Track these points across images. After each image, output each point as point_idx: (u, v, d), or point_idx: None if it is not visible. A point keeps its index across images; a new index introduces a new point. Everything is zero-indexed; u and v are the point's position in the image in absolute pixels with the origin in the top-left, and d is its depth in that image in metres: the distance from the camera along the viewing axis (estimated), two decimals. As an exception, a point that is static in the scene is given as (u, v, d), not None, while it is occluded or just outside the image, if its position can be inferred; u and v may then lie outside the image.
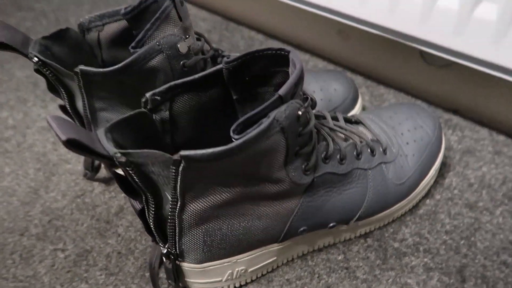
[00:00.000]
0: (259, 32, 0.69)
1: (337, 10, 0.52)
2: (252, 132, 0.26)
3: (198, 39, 0.40)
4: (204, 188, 0.28)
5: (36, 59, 0.35)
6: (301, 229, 0.34)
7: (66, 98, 0.38)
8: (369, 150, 0.36)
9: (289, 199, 0.32)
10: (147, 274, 0.37)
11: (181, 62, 0.36)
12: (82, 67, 0.34)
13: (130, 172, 0.26)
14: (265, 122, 0.26)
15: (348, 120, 0.39)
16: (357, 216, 0.36)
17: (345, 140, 0.36)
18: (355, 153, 0.35)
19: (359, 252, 0.38)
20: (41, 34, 0.37)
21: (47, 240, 0.40)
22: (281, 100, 0.27)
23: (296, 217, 0.33)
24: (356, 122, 0.40)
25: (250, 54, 0.30)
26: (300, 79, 0.28)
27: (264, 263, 0.35)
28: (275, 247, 0.35)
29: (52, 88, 0.38)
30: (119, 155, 0.24)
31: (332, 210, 0.34)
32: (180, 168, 0.26)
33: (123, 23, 0.40)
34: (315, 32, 0.63)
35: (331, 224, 0.35)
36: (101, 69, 0.34)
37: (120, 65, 0.34)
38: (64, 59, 0.38)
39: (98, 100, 0.37)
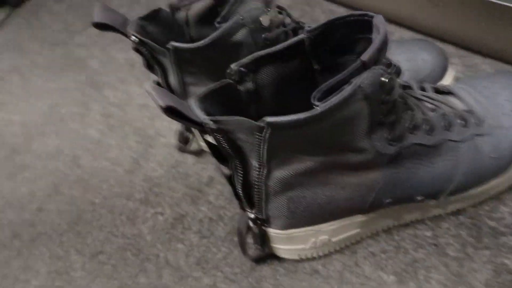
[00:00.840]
0: (340, 5, 0.67)
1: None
2: (334, 99, 0.26)
3: (279, 12, 0.40)
4: (288, 156, 0.29)
5: (134, 37, 0.38)
6: (387, 201, 0.33)
7: (160, 74, 0.41)
8: (461, 121, 0.34)
9: (374, 169, 0.32)
10: (236, 239, 0.39)
11: (263, 35, 0.37)
12: (173, 43, 0.37)
13: (220, 138, 0.28)
14: (348, 89, 0.26)
15: (437, 90, 0.37)
16: (447, 191, 0.34)
17: (434, 110, 0.34)
18: (444, 124, 0.33)
19: (450, 229, 0.36)
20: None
21: (148, 204, 0.45)
22: (364, 67, 0.26)
23: (381, 189, 0.33)
24: (447, 92, 0.37)
25: (332, 21, 0.29)
26: (384, 44, 0.27)
27: (348, 234, 0.35)
28: (359, 218, 0.35)
29: (148, 65, 0.42)
30: (210, 122, 0.26)
31: (419, 183, 0.33)
32: (265, 135, 0.27)
33: (208, 1, 0.42)
34: (400, 1, 0.59)
35: (419, 198, 0.34)
36: (189, 44, 0.36)
37: (206, 40, 0.36)
38: (157, 38, 0.41)
39: (188, 75, 0.39)
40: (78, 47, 0.74)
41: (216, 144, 0.29)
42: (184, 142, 0.48)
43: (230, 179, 0.32)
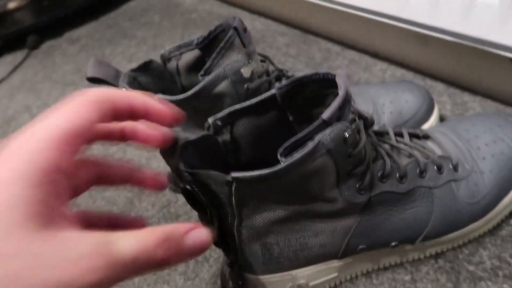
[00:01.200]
0: (335, 44, 0.69)
1: (413, 20, 0.51)
2: (297, 155, 0.27)
3: (263, 61, 0.42)
4: (258, 206, 0.30)
5: (124, 89, 0.40)
6: (360, 247, 0.34)
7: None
8: (435, 167, 0.35)
9: (346, 216, 0.32)
10: (219, 281, 0.40)
11: (245, 86, 0.39)
12: (160, 95, 0.39)
13: (196, 189, 0.29)
14: (310, 145, 0.27)
15: (415, 135, 0.38)
16: (422, 236, 0.35)
17: (409, 157, 0.35)
18: (418, 171, 0.34)
19: (428, 274, 0.36)
20: (141, 58, 0.43)
21: (138, 244, 0.47)
22: (326, 124, 0.28)
23: (354, 235, 0.33)
24: (425, 137, 0.38)
25: (300, 79, 0.31)
26: (345, 102, 0.28)
27: (325, 278, 0.36)
28: (335, 263, 0.35)
29: (139, 113, 0.44)
30: (186, 174, 0.28)
31: (393, 229, 0.34)
32: (233, 188, 0.28)
33: (196, 51, 0.44)
34: (392, 40, 0.61)
35: (393, 243, 0.34)
36: (174, 96, 0.38)
37: (190, 92, 0.38)
38: (149, 87, 0.43)
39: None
40: (87, 87, 0.78)
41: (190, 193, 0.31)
42: (175, 183, 0.50)
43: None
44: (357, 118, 0.29)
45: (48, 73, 0.87)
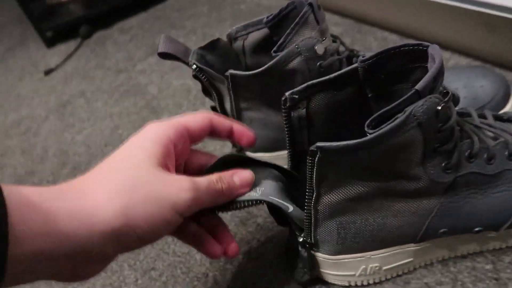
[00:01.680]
0: (392, 33, 0.67)
1: (481, 0, 0.48)
2: (387, 127, 0.26)
3: (333, 41, 0.41)
4: (339, 181, 0.29)
5: (194, 66, 0.40)
6: (441, 230, 0.32)
7: (216, 99, 0.43)
8: (524, 151, 0.33)
9: (428, 197, 0.31)
10: (283, 262, 0.40)
11: (318, 63, 0.38)
12: (231, 71, 0.39)
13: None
14: (401, 117, 0.26)
15: (498, 118, 0.36)
16: (508, 223, 0.33)
17: (494, 139, 0.33)
18: (506, 153, 0.32)
19: (512, 264, 0.34)
20: (192, 48, 0.43)
21: (198, 224, 0.46)
22: (419, 95, 0.26)
23: (435, 218, 0.32)
24: (509, 120, 0.36)
25: (386, 51, 0.30)
26: (439, 73, 0.27)
27: (400, 262, 0.35)
28: (412, 247, 0.34)
29: (205, 91, 0.44)
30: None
31: (477, 213, 0.32)
32: (316, 159, 0.28)
33: (264, 31, 0.44)
34: (455, 26, 0.58)
35: (477, 229, 0.33)
36: (247, 72, 0.38)
37: (263, 68, 0.38)
38: (215, 66, 0.43)
39: (243, 100, 0.41)
40: (139, 74, 0.80)
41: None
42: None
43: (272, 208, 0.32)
44: (450, 92, 0.28)
45: (101, 60, 0.89)
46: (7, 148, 0.74)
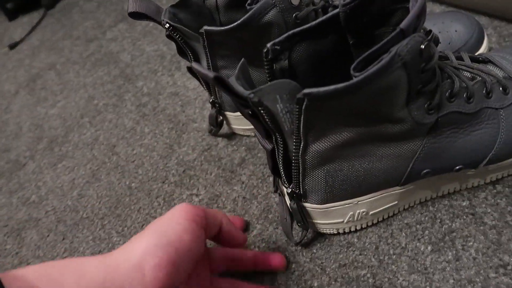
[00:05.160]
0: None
1: None
2: (373, 68, 0.26)
3: (309, -9, 0.40)
4: (326, 128, 0.29)
5: (167, 25, 0.39)
6: (424, 171, 0.33)
7: (192, 59, 0.42)
8: (500, 89, 0.33)
9: (411, 139, 0.32)
10: (270, 216, 0.40)
11: (294, 14, 0.38)
12: (206, 27, 0.37)
13: (262, 112, 0.28)
14: (386, 57, 0.26)
15: (474, 59, 0.36)
16: (487, 160, 0.34)
17: (472, 79, 0.33)
18: (484, 92, 0.33)
19: (487, 199, 0.36)
20: (163, 7, 0.41)
21: (183, 186, 0.46)
22: (403, 35, 0.26)
23: (419, 159, 0.32)
24: (484, 61, 0.37)
25: (367, -8, 0.29)
26: (422, 11, 0.27)
27: (385, 206, 0.36)
28: (397, 190, 0.35)
29: (180, 52, 0.43)
30: (252, 95, 0.27)
31: (458, 152, 0.33)
32: (303, 107, 0.27)
33: (237, -14, 0.42)
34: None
35: (457, 167, 0.34)
36: (221, 27, 0.37)
37: (238, 22, 0.36)
38: (188, 24, 0.42)
39: (219, 58, 0.40)
40: (110, 42, 0.76)
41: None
42: (215, 125, 0.49)
43: (271, 153, 0.32)
44: (431, 31, 0.28)
45: (68, 30, 0.85)
46: (-24, 127, 0.71)
